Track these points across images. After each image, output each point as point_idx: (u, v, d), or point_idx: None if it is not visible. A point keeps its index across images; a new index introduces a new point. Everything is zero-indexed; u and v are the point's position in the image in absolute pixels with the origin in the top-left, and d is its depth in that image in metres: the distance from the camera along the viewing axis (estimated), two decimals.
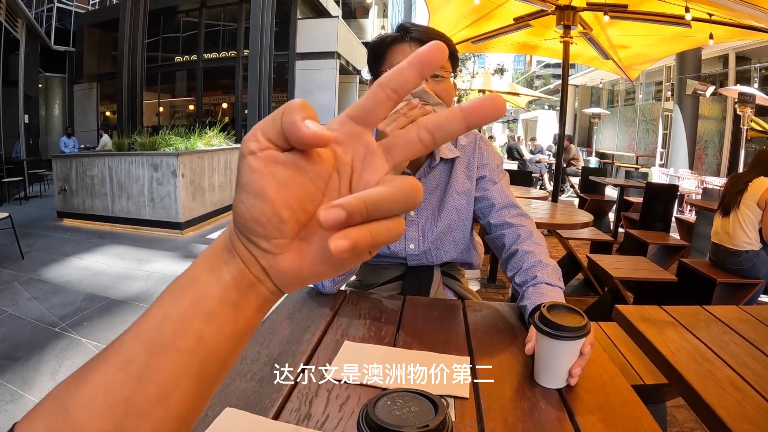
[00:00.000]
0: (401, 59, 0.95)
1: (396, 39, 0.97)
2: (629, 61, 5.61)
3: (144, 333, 0.25)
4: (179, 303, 0.26)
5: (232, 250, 0.26)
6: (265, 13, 6.66)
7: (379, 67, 1.00)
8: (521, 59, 30.84)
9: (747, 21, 3.78)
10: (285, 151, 0.24)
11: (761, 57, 8.47)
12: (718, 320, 1.26)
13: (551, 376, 0.70)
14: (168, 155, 5.11)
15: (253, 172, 0.24)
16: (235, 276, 0.26)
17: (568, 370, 0.69)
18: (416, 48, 0.88)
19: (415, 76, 0.25)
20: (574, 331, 0.68)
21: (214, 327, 0.26)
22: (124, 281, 3.61)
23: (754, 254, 2.71)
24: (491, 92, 12.05)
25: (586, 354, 0.71)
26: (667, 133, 10.55)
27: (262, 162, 0.24)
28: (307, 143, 0.23)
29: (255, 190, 0.24)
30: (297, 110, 0.23)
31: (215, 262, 0.27)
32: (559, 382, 0.70)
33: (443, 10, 4.75)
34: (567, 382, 0.70)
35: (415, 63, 0.25)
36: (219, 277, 0.26)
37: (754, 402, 0.85)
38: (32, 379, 2.20)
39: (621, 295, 2.59)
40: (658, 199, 4.29)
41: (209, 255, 0.27)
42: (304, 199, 0.25)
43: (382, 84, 0.25)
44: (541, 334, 0.70)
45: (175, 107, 13.97)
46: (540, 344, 0.71)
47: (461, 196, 1.12)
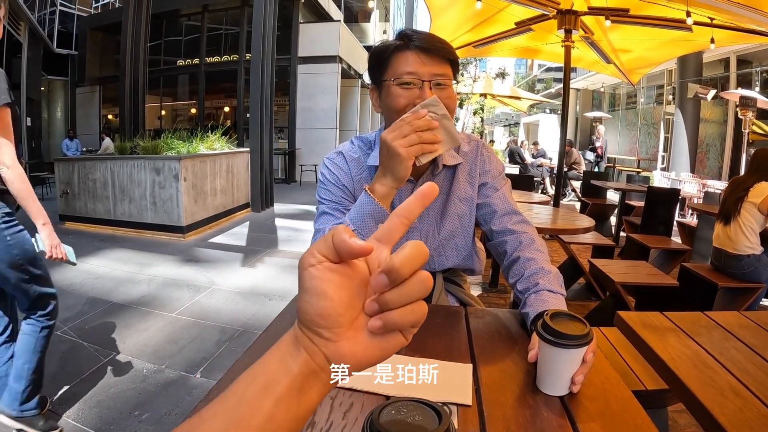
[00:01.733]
0: (405, 67, 0.94)
1: (399, 47, 0.97)
2: (631, 65, 5.62)
3: (222, 412, 0.32)
4: (253, 388, 0.32)
5: (298, 344, 0.33)
6: (267, 17, 6.67)
7: (382, 74, 1.00)
8: (523, 63, 30.86)
9: (748, 25, 3.79)
10: (335, 263, 0.32)
11: (762, 60, 8.46)
12: (719, 326, 1.26)
13: (554, 383, 0.71)
14: (170, 159, 5.12)
15: (314, 279, 0.32)
16: (300, 365, 0.33)
17: (570, 378, 0.70)
18: (419, 55, 0.88)
19: (418, 206, 0.34)
20: (577, 339, 0.69)
21: (282, 409, 0.32)
22: (125, 285, 3.61)
23: (756, 258, 2.71)
24: (493, 96, 12.08)
25: (588, 361, 0.71)
26: (669, 136, 10.54)
27: (321, 272, 0.32)
28: (355, 254, 0.31)
29: (318, 292, 0.32)
30: (343, 232, 0.31)
31: (283, 355, 0.33)
32: (561, 390, 0.71)
33: (445, 15, 4.76)
34: (569, 389, 0.70)
35: (419, 197, 0.34)
36: (287, 366, 0.33)
37: (754, 409, 0.85)
38: None
39: (623, 300, 2.59)
40: (659, 203, 4.29)
41: (278, 348, 0.34)
42: (353, 297, 0.33)
43: (397, 214, 0.34)
44: (543, 342, 0.70)
45: (177, 111, 14.00)
46: (543, 352, 0.72)
47: (463, 202, 1.12)
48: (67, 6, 14.01)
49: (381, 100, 1.02)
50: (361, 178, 1.09)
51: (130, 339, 2.68)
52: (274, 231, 5.82)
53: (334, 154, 1.12)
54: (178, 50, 13.09)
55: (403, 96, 0.96)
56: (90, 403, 2.05)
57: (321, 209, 1.07)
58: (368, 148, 1.12)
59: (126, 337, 2.71)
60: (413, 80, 0.95)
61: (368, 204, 0.90)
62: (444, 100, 0.93)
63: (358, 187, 1.09)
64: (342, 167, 1.09)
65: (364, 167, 1.10)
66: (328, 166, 1.10)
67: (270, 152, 7.05)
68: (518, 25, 4.61)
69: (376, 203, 0.89)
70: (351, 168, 1.09)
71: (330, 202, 1.06)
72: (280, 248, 4.92)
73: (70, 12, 14.14)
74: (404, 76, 0.95)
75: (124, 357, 2.47)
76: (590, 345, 0.71)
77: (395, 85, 0.96)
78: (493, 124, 28.34)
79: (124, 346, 2.59)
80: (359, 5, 17.77)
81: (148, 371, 2.33)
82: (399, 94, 0.96)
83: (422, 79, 0.95)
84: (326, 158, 1.12)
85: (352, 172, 1.09)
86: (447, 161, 1.09)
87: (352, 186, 1.09)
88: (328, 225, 1.02)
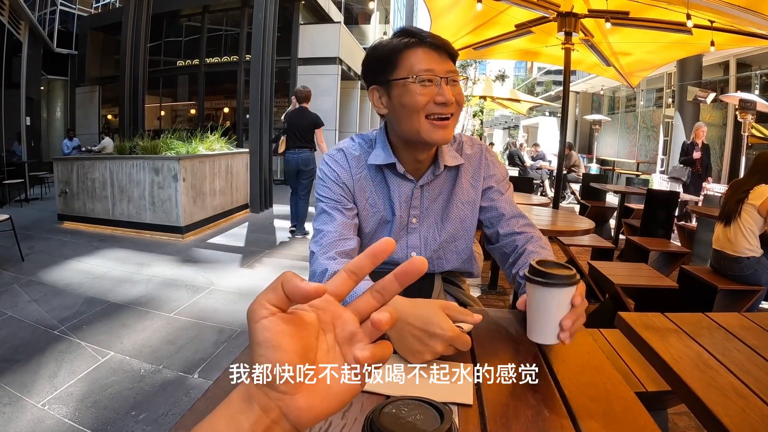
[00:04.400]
0: (421, 64, 0.95)
1: (410, 44, 0.96)
2: (630, 68, 5.64)
3: None
4: None
5: (250, 400, 0.32)
6: (267, 18, 6.68)
7: (392, 73, 0.98)
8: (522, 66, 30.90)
9: (748, 28, 3.80)
10: (287, 314, 0.32)
11: (762, 63, 8.49)
12: (721, 327, 1.25)
13: (542, 329, 0.72)
14: (169, 159, 5.12)
15: (267, 331, 0.31)
16: (252, 423, 0.31)
17: (559, 323, 0.71)
18: (432, 52, 0.87)
19: (369, 264, 0.35)
20: (563, 279, 0.71)
21: None
22: (124, 285, 3.60)
23: (756, 261, 2.71)
24: (492, 98, 12.10)
25: (577, 306, 0.72)
26: (668, 139, 10.56)
27: (274, 323, 0.32)
28: (310, 296, 0.31)
29: (272, 345, 0.31)
30: (293, 277, 0.31)
31: (233, 413, 0.32)
32: (551, 337, 0.72)
33: (445, 17, 4.77)
34: (559, 338, 0.71)
35: (369, 254, 0.36)
36: (238, 425, 0.31)
37: (757, 409, 0.85)
38: (31, 383, 2.19)
39: (622, 302, 2.59)
40: (659, 205, 4.29)
41: (226, 407, 0.32)
42: (306, 349, 0.33)
43: (347, 270, 0.35)
44: (531, 284, 0.72)
45: (177, 111, 13.99)
46: (531, 297, 0.73)
47: (466, 205, 1.12)
48: (68, 6, 14.01)
49: (391, 99, 1.00)
50: (361, 177, 1.08)
51: (127, 339, 2.67)
52: (273, 232, 5.81)
53: (334, 150, 1.11)
54: (178, 51, 13.10)
55: (423, 93, 0.95)
56: (87, 402, 2.04)
57: (320, 207, 1.06)
58: (369, 146, 1.11)
59: (124, 336, 2.70)
60: (431, 77, 0.95)
61: None
62: (457, 96, 0.96)
63: (357, 185, 1.08)
64: (342, 165, 1.08)
65: (364, 165, 1.09)
66: (328, 162, 1.09)
67: (269, 153, 7.05)
68: (518, 27, 4.62)
69: None
70: (351, 166, 1.08)
71: (329, 200, 1.05)
72: (279, 249, 4.91)
73: (71, 12, 14.14)
74: (423, 73, 0.94)
75: (122, 357, 2.46)
76: (578, 288, 0.72)
77: (414, 83, 0.95)
78: (493, 126, 28.37)
79: (121, 346, 2.59)
80: (359, 7, 17.80)
81: (145, 371, 2.32)
82: (419, 92, 0.95)
83: (439, 76, 0.95)
84: (326, 155, 1.11)
85: (352, 170, 1.08)
86: (448, 162, 1.08)
87: (351, 184, 1.08)
88: (328, 224, 1.01)
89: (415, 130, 0.97)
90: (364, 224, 1.09)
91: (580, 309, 0.73)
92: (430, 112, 0.95)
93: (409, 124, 0.97)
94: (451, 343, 0.71)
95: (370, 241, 1.10)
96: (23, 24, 10.10)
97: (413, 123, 0.96)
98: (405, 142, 1.03)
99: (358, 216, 1.09)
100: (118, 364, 2.39)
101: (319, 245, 0.97)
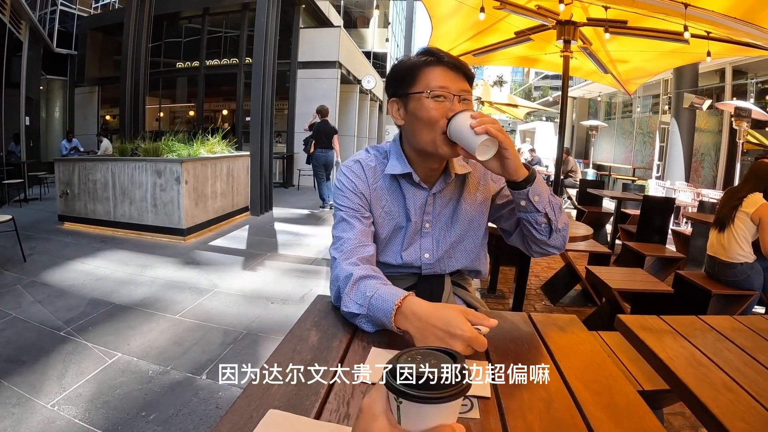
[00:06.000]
0: (436, 81, 1.05)
1: (430, 62, 1.05)
2: (628, 75, 5.71)
3: None
4: None
5: None
6: (269, 22, 6.73)
7: (410, 87, 1.06)
8: (519, 71, 31.08)
9: (744, 38, 3.87)
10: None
11: (757, 71, 8.62)
12: (713, 329, 1.32)
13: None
14: (172, 161, 5.16)
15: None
16: None
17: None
18: (449, 71, 0.97)
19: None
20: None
21: None
22: (127, 286, 3.64)
23: (749, 266, 2.78)
24: (490, 104, 12.18)
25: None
26: (664, 145, 10.68)
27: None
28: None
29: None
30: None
31: None
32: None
33: (446, 23, 4.83)
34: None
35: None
36: None
37: (746, 402, 0.93)
38: (39, 383, 2.21)
39: (619, 306, 2.65)
40: (655, 211, 4.36)
41: None
42: None
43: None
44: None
45: (176, 113, 14.02)
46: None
47: (473, 207, 1.19)
48: (68, 6, 14.01)
49: (408, 111, 1.09)
50: (377, 186, 1.16)
51: (134, 340, 2.71)
52: (273, 235, 5.86)
53: (351, 162, 1.19)
54: (178, 53, 13.14)
55: (436, 108, 1.03)
56: (97, 403, 2.07)
57: (339, 215, 1.13)
58: (384, 157, 1.18)
59: (130, 338, 2.73)
60: (445, 93, 1.03)
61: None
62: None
63: (374, 195, 1.15)
64: (359, 175, 1.16)
65: (380, 176, 1.16)
66: (345, 173, 1.17)
67: (270, 156, 7.10)
68: (518, 34, 4.68)
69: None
70: (368, 176, 1.16)
71: (348, 209, 1.12)
72: (281, 252, 4.95)
73: (71, 12, 14.14)
74: (437, 89, 1.03)
75: (130, 358, 2.50)
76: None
77: (428, 97, 1.03)
78: None
79: (128, 347, 2.62)
80: (359, 11, 17.90)
81: (153, 372, 2.36)
82: (432, 107, 1.03)
83: (453, 94, 1.03)
84: (343, 166, 1.19)
85: (369, 180, 1.16)
86: (458, 170, 1.16)
87: (368, 194, 1.15)
88: (348, 232, 1.08)
89: (432, 143, 1.05)
90: (379, 230, 1.16)
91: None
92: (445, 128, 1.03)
93: (426, 136, 1.05)
94: (469, 344, 0.77)
95: (384, 246, 1.18)
96: (24, 23, 10.12)
97: (430, 136, 1.05)
98: (419, 153, 1.11)
99: (374, 223, 1.15)
100: (126, 365, 2.43)
101: (341, 251, 1.05)
